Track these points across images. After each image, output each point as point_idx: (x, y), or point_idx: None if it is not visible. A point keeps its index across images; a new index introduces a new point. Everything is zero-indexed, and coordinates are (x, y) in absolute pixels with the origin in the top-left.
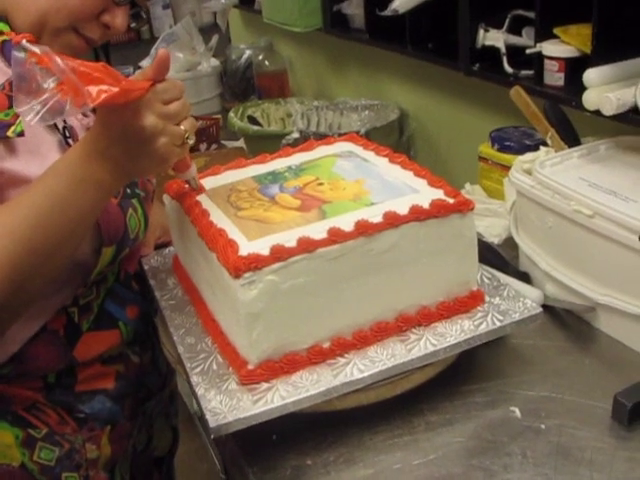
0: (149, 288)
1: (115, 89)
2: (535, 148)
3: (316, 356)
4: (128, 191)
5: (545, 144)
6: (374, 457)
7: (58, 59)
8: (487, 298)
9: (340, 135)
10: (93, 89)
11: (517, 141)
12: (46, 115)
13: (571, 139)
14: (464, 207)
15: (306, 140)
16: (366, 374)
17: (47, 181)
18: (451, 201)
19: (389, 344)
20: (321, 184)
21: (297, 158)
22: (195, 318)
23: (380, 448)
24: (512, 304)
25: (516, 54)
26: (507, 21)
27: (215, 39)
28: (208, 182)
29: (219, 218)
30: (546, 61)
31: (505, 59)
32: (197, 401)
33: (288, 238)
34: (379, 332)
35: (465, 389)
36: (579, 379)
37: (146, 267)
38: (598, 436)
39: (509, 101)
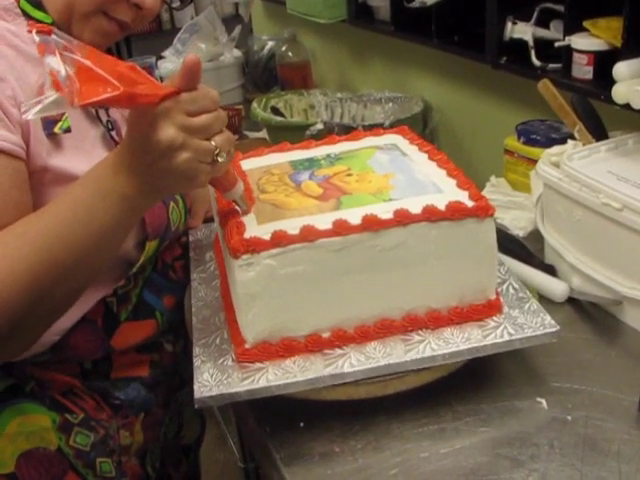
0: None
1: (116, 92)
2: (562, 142)
3: (314, 344)
4: None
5: (572, 138)
6: (401, 445)
7: (57, 51)
8: (506, 309)
9: (364, 127)
10: (88, 88)
11: (544, 134)
12: (41, 110)
13: (599, 133)
14: (482, 212)
15: (330, 131)
16: (356, 369)
17: (73, 191)
18: (469, 205)
19: (390, 342)
20: (350, 175)
21: (339, 147)
22: (218, 292)
23: (407, 436)
24: (530, 318)
25: (544, 47)
26: (535, 14)
27: (238, 30)
28: (248, 163)
29: None
30: (575, 54)
31: (533, 52)
32: (193, 371)
33: (295, 225)
34: (383, 329)
35: (492, 380)
36: (605, 372)
37: (191, 239)
38: (625, 428)
39: (536, 94)
